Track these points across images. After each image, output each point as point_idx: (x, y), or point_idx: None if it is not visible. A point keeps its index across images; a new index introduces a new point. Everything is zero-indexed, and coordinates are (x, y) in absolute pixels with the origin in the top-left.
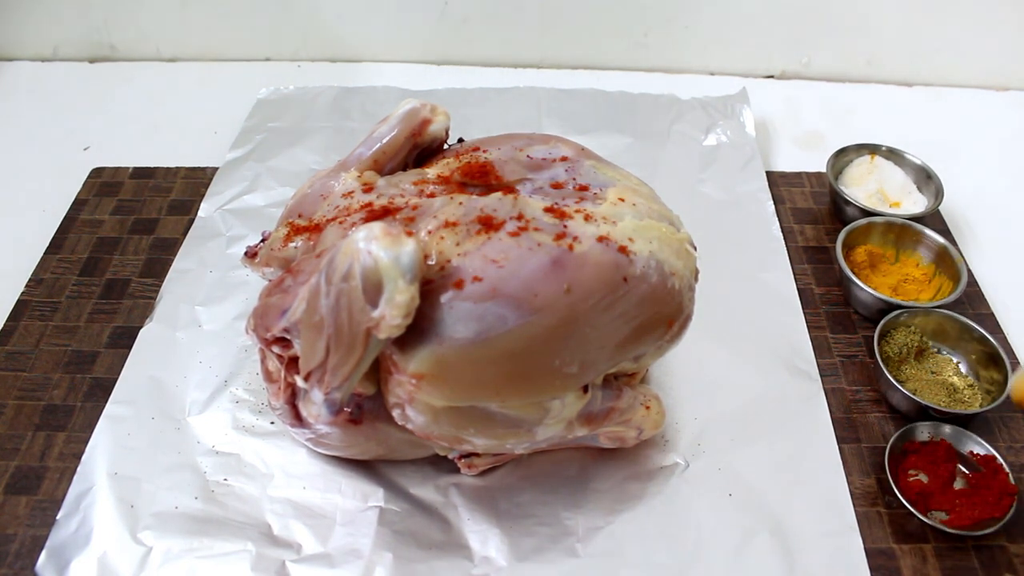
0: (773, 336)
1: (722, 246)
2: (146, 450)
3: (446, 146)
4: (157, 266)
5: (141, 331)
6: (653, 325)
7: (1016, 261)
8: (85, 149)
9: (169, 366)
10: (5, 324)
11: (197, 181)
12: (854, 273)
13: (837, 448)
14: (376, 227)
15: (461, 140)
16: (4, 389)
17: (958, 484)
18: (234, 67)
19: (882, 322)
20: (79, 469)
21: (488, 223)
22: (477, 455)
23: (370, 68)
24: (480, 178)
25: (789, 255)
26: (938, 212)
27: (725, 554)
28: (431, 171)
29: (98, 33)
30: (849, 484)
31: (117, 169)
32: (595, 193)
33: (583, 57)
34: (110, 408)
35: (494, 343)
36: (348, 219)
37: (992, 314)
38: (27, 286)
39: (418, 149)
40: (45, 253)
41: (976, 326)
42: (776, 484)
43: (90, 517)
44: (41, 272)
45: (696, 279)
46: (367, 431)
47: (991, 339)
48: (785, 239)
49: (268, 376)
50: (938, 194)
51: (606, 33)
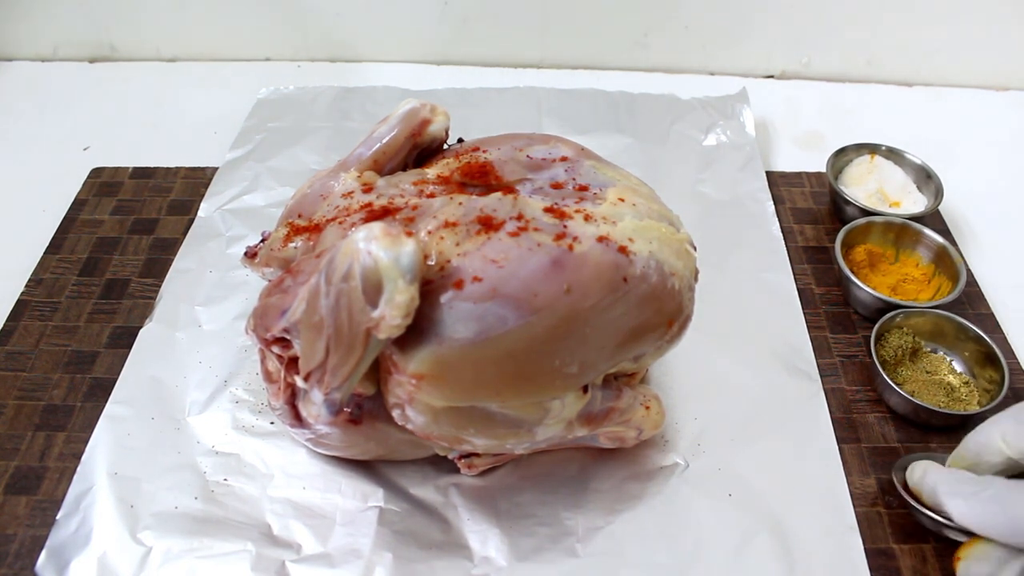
0: (773, 336)
1: (722, 246)
2: (146, 450)
3: (446, 146)
4: (157, 266)
5: (141, 331)
6: (653, 325)
7: (1016, 261)
8: (85, 149)
9: (169, 366)
10: (5, 324)
11: (197, 181)
12: (853, 272)
13: (837, 448)
14: (376, 227)
15: (461, 140)
16: (4, 389)
17: None
18: (234, 67)
19: (876, 325)
20: (79, 469)
21: (488, 223)
22: (477, 455)
23: (370, 68)
24: (480, 178)
25: (789, 255)
26: (938, 212)
27: (725, 554)
28: (431, 171)
29: (98, 33)
30: (849, 484)
31: (117, 169)
32: (595, 193)
33: (583, 57)
34: (110, 408)
35: (494, 343)
36: (348, 219)
37: (992, 314)
38: (27, 286)
39: (418, 149)
40: (45, 253)
41: (971, 325)
42: (776, 484)
43: (90, 517)
44: (41, 272)
45: (696, 279)
46: (367, 431)
47: (987, 338)
48: (785, 239)
49: (268, 376)
50: (938, 194)
51: (606, 33)
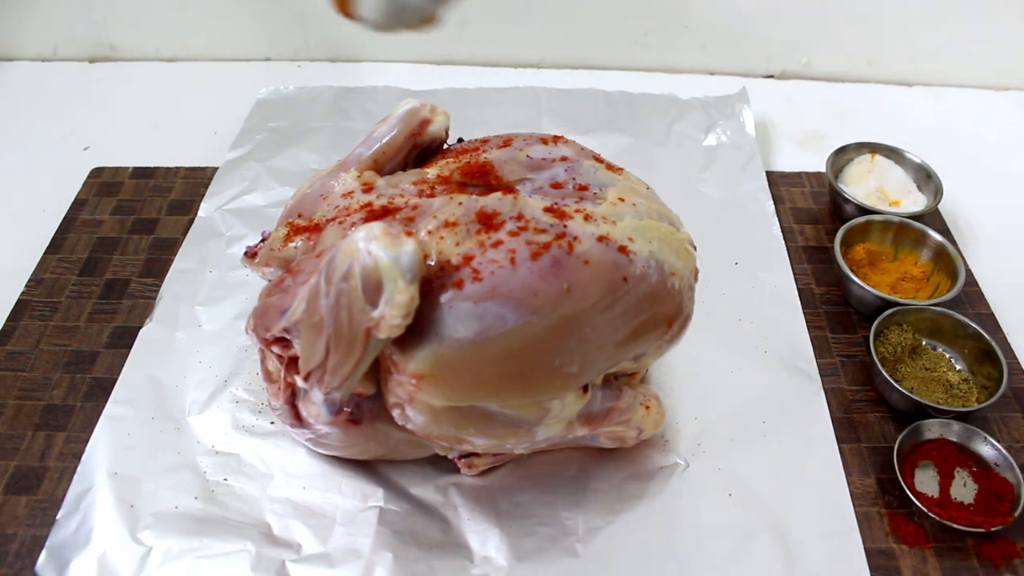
0: (773, 336)
1: (722, 246)
2: (146, 450)
3: (446, 146)
4: (157, 266)
5: (141, 331)
6: (653, 325)
7: (1015, 260)
8: (85, 149)
9: (169, 366)
10: (5, 324)
11: (197, 181)
12: (853, 271)
13: (837, 448)
14: (376, 227)
15: (461, 140)
16: (4, 389)
17: (962, 482)
18: (234, 67)
19: (876, 322)
20: (79, 469)
21: (488, 223)
22: (477, 455)
23: (370, 68)
24: (480, 178)
25: (789, 255)
26: (937, 211)
27: (725, 554)
28: (431, 171)
29: (98, 33)
30: (849, 484)
31: (117, 169)
32: (595, 193)
33: (583, 57)
34: (110, 408)
35: (494, 343)
36: (348, 219)
37: (991, 313)
38: (27, 286)
39: (418, 149)
40: (45, 253)
41: (970, 322)
42: (776, 484)
43: (90, 517)
44: (41, 272)
45: (696, 279)
46: (367, 431)
47: (985, 335)
48: (785, 239)
49: (268, 376)
50: (937, 193)
51: (606, 33)
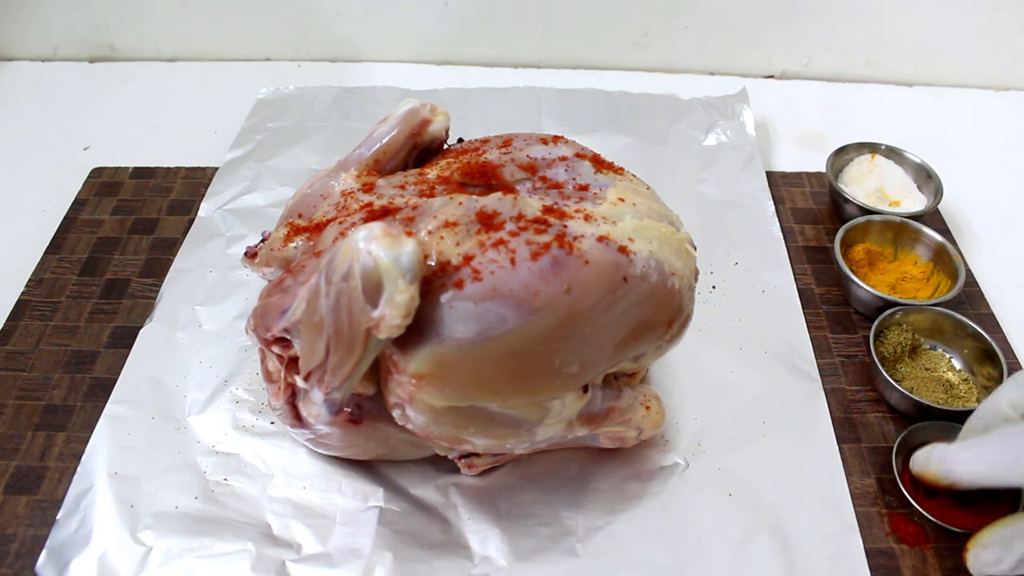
0: (773, 336)
1: (722, 246)
2: (146, 450)
3: (446, 146)
4: (157, 266)
5: (141, 331)
6: (653, 325)
7: (1015, 260)
8: (85, 149)
9: (169, 366)
10: (5, 324)
11: (197, 181)
12: (852, 271)
13: (837, 448)
14: (376, 227)
15: (461, 140)
16: (4, 389)
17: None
18: (234, 67)
19: (876, 322)
20: (79, 469)
21: (488, 223)
22: (477, 455)
23: (370, 68)
24: (480, 178)
25: (789, 255)
26: (937, 211)
27: (725, 554)
28: (431, 171)
29: (98, 33)
30: (849, 484)
31: (117, 169)
32: (595, 193)
33: (583, 57)
34: (110, 408)
35: (494, 343)
36: (348, 219)
37: (991, 313)
38: (27, 286)
39: (418, 149)
40: (45, 253)
41: (970, 322)
42: (776, 484)
43: (90, 517)
44: (41, 272)
45: (696, 279)
46: (367, 431)
47: (985, 335)
48: (785, 239)
49: (268, 376)
50: (937, 193)
51: (606, 33)
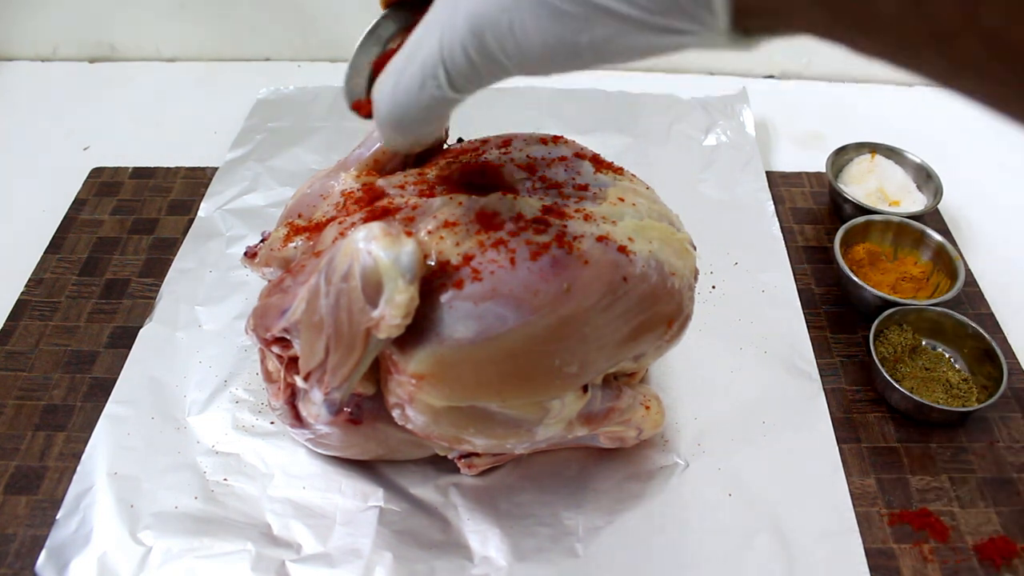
0: (773, 336)
1: (722, 246)
2: (146, 450)
3: (446, 146)
4: (157, 266)
5: (141, 331)
6: (653, 325)
7: (1015, 260)
8: (85, 149)
9: (169, 366)
10: (5, 324)
11: (197, 181)
12: (852, 271)
13: (837, 448)
14: (376, 227)
15: (461, 140)
16: (4, 389)
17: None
18: (234, 67)
19: (876, 322)
20: (79, 469)
21: (488, 223)
22: (477, 455)
23: None
24: (480, 178)
25: (789, 255)
26: (937, 211)
27: (725, 554)
28: (431, 171)
29: (98, 33)
30: (849, 484)
31: (117, 169)
32: (595, 193)
33: None
34: (110, 408)
35: (494, 343)
36: (348, 219)
37: (991, 313)
38: (27, 286)
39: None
40: (45, 253)
41: (970, 322)
42: (776, 484)
43: (90, 517)
44: (41, 272)
45: (696, 279)
46: (367, 431)
47: (985, 335)
48: (785, 239)
49: (268, 376)
50: (937, 193)
51: None
